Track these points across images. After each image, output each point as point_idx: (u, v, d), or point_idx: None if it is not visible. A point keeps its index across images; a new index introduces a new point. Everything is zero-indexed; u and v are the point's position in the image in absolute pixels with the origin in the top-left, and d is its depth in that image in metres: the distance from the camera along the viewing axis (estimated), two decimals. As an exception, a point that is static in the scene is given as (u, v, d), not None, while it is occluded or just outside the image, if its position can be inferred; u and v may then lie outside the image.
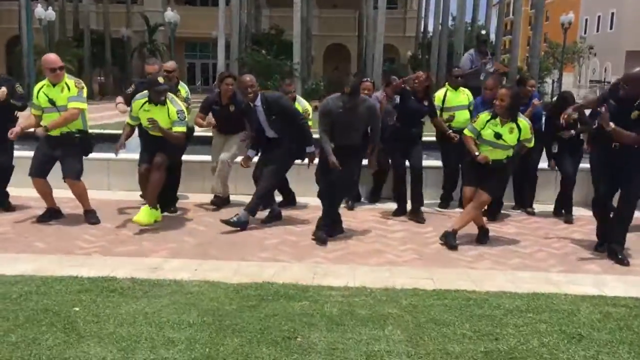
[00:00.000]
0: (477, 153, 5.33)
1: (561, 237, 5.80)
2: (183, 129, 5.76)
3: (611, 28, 54.89)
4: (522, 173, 6.56)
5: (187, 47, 40.69)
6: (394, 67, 33.45)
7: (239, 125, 6.53)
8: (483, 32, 7.34)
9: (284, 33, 30.96)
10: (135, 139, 6.29)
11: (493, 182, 5.41)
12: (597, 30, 57.32)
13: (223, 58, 25.62)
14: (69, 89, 5.66)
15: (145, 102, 5.78)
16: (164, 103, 5.70)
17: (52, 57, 5.68)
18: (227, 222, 5.69)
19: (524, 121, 5.37)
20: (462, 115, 6.82)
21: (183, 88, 6.89)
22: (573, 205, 6.51)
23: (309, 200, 6.73)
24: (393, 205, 6.61)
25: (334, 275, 4.51)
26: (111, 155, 6.33)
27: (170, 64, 6.86)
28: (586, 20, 58.86)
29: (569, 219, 6.42)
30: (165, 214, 6.12)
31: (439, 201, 6.98)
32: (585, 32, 58.63)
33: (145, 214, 5.61)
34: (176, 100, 5.83)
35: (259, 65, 24.19)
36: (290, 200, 6.84)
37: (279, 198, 6.58)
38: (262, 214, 6.09)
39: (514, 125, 5.31)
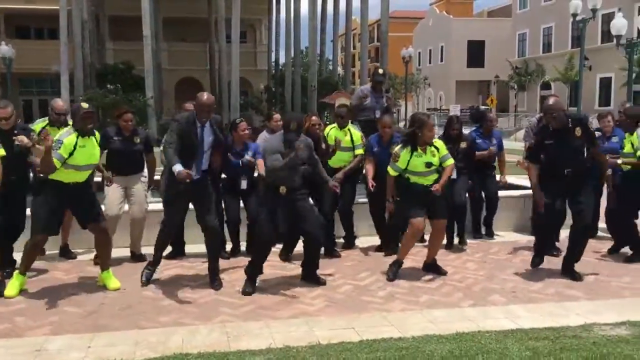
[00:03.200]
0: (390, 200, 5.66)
1: (458, 268, 5.91)
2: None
3: (441, 60, 59.99)
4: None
5: (21, 83, 37.41)
6: (249, 100, 33.42)
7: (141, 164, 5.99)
8: (380, 70, 7.47)
9: (134, 68, 29.62)
10: None
11: (442, 204, 5.58)
12: (430, 62, 62.35)
13: (67, 94, 23.81)
14: None
15: None
16: None
17: None
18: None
19: (439, 141, 5.63)
20: (347, 157, 6.47)
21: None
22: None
23: (192, 247, 6.27)
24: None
25: (249, 335, 4.12)
26: None
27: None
28: (419, 53, 63.72)
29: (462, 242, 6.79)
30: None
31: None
32: (419, 64, 63.46)
33: (13, 284, 4.82)
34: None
35: (108, 101, 22.79)
36: (179, 250, 6.29)
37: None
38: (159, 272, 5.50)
39: (433, 148, 5.50)
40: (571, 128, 5.29)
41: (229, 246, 6.33)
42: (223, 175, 6.16)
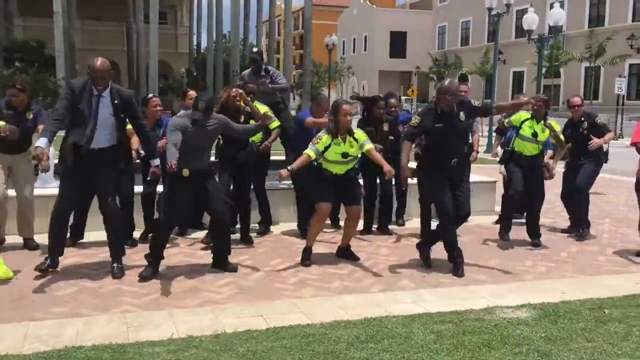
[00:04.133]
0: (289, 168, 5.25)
1: (371, 254, 5.93)
2: None
3: (365, 50, 60.69)
4: None
5: None
6: (169, 83, 32.48)
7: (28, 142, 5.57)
8: (255, 49, 7.26)
9: (46, 47, 28.03)
10: None
11: (356, 191, 5.58)
12: (354, 52, 62.94)
13: (-31, 71, 22.28)
14: None
15: None
16: None
17: None
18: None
19: (359, 131, 5.52)
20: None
21: None
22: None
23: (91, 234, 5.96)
24: (200, 234, 6.16)
25: (150, 325, 3.93)
26: None
27: None
28: (343, 42, 64.16)
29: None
30: None
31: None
32: (343, 53, 63.90)
33: None
34: None
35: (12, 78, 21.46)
36: (77, 234, 5.93)
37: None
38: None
39: (351, 139, 5.40)
40: (456, 112, 5.25)
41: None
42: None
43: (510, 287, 4.93)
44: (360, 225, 6.35)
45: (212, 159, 5.83)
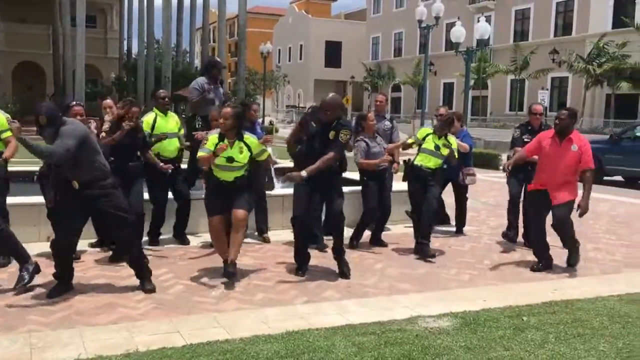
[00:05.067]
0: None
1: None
2: None
3: (301, 59, 60.94)
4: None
5: None
6: (98, 89, 31.41)
7: None
8: (218, 58, 7.02)
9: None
10: None
11: (246, 198, 5.21)
12: (290, 60, 63.08)
13: None
14: None
15: None
16: None
17: None
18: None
19: (250, 137, 5.28)
20: (172, 144, 6.36)
21: None
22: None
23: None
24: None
25: (57, 345, 3.69)
26: None
27: None
28: (279, 50, 64.22)
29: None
30: None
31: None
32: (279, 62, 63.95)
33: None
34: None
35: None
36: None
37: None
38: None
39: (242, 144, 5.18)
40: (333, 127, 5.27)
41: None
42: None
43: (433, 296, 4.96)
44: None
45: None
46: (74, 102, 6.13)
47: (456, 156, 6.53)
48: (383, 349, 3.70)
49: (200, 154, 5.19)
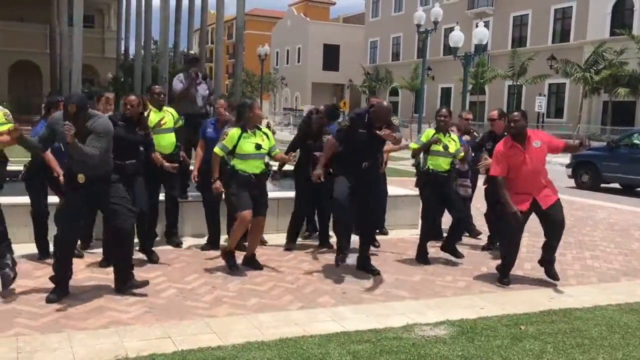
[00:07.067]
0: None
1: (292, 269, 5.76)
2: None
3: (299, 61, 60.88)
4: None
5: None
6: (94, 89, 31.27)
7: None
8: (192, 51, 6.99)
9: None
10: None
11: (265, 202, 5.63)
12: (287, 63, 63.01)
13: None
14: None
15: None
16: None
17: None
18: None
19: (264, 128, 5.67)
20: (166, 139, 6.21)
21: None
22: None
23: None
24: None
25: (45, 350, 3.60)
26: None
27: None
28: (277, 53, 64.15)
29: (290, 247, 6.53)
30: None
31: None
32: (277, 64, 63.89)
33: None
34: None
35: None
36: None
37: None
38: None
39: (262, 133, 5.56)
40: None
41: None
42: None
43: (430, 303, 4.88)
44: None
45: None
46: (61, 97, 5.96)
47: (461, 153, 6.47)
48: (379, 358, 3.62)
49: (217, 150, 5.48)
